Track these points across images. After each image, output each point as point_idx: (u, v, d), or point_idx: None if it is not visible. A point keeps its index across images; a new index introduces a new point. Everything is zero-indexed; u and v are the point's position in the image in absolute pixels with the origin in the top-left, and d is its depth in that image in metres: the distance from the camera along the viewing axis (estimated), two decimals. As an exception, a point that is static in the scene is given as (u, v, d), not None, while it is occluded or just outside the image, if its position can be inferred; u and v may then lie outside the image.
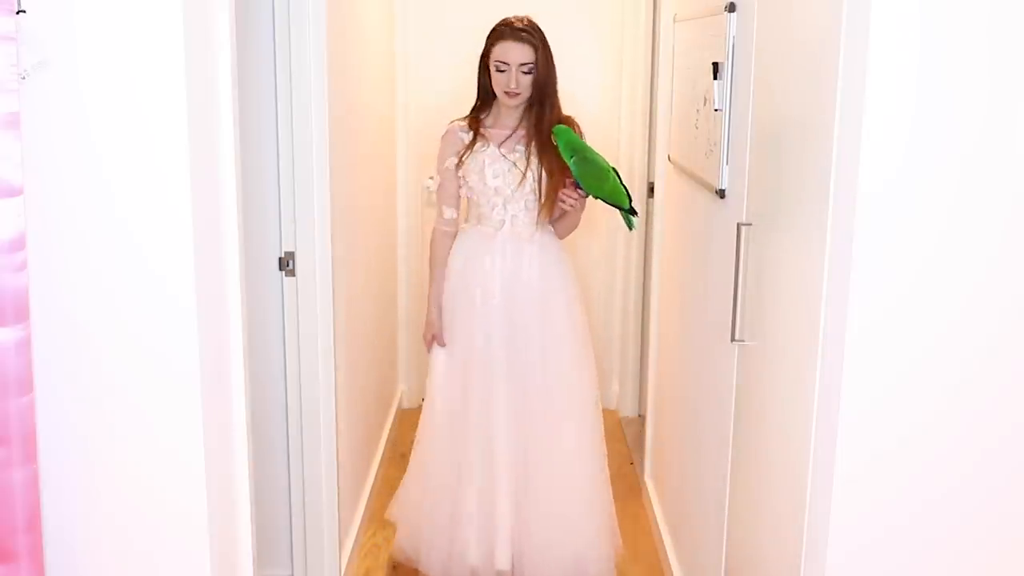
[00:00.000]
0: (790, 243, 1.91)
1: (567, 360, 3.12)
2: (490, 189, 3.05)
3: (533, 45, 2.95)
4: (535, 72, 2.96)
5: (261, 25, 2.70)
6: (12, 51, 1.53)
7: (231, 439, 1.95)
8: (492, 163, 3.04)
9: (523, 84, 2.96)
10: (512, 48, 2.94)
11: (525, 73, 2.95)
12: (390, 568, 3.35)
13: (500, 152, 3.04)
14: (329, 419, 2.94)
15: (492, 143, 3.06)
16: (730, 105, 2.38)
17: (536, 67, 2.96)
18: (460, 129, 3.10)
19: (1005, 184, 1.55)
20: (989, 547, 1.67)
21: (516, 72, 2.94)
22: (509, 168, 3.03)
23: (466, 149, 3.07)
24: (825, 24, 1.68)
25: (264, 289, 2.82)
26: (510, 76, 2.95)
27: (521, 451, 3.12)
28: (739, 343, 2.21)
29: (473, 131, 3.08)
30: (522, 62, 2.94)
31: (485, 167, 3.04)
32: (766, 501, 2.07)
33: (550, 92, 3.02)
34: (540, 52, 2.96)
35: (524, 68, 2.95)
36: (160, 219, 1.68)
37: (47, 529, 1.73)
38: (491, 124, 3.10)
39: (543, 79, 2.98)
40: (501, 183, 3.04)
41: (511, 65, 2.94)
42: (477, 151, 3.06)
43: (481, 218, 3.10)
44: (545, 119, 3.01)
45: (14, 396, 1.57)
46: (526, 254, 3.07)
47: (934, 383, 1.61)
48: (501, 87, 2.98)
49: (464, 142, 3.08)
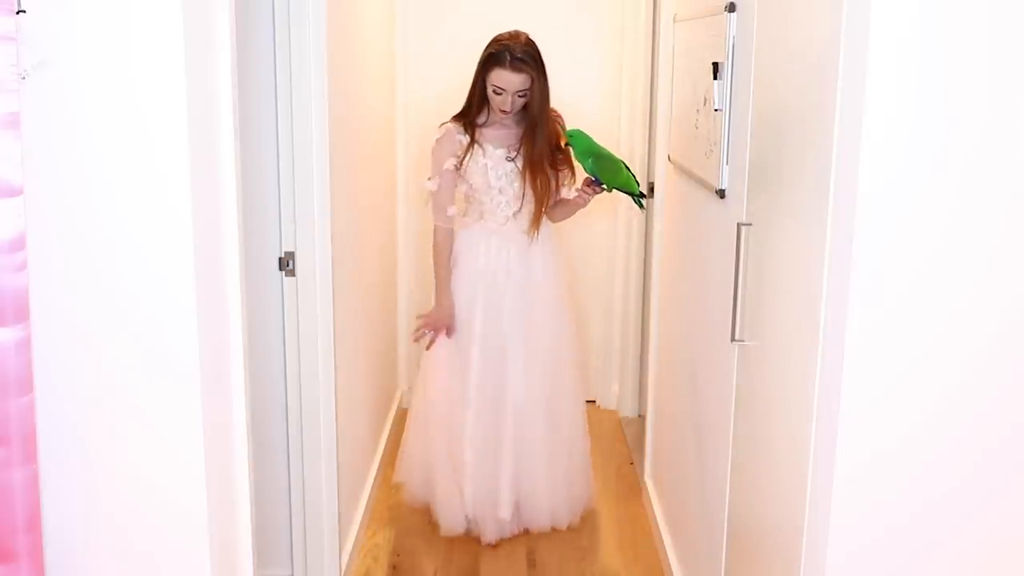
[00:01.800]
0: (790, 243, 1.91)
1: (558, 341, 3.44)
2: (494, 189, 3.26)
3: (530, 75, 3.10)
4: (529, 96, 3.14)
5: (261, 25, 2.70)
6: (12, 51, 1.53)
7: (231, 439, 1.95)
8: (495, 166, 3.23)
9: (517, 105, 3.16)
10: (509, 77, 3.10)
11: (520, 96, 3.14)
12: (390, 568, 3.35)
13: (501, 151, 3.23)
14: (329, 419, 2.94)
15: (490, 144, 3.23)
16: (730, 105, 2.38)
17: (531, 92, 3.13)
18: (456, 131, 3.25)
19: (1005, 184, 1.55)
20: (989, 547, 1.67)
21: (512, 97, 3.13)
22: (511, 169, 3.23)
23: (465, 151, 3.21)
24: (825, 24, 1.68)
25: (264, 289, 2.82)
26: (506, 99, 3.13)
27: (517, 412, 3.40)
28: (739, 343, 2.21)
29: (470, 134, 3.23)
30: (518, 89, 3.12)
31: (488, 169, 3.22)
32: (766, 501, 2.07)
33: (543, 115, 3.21)
34: (536, 80, 3.12)
35: (520, 93, 3.13)
36: (160, 219, 1.68)
37: (47, 529, 1.73)
38: (487, 124, 3.27)
39: (538, 105, 3.17)
40: (504, 183, 3.24)
41: (507, 91, 3.12)
42: (477, 153, 3.22)
43: (483, 215, 3.32)
44: (536, 140, 3.21)
45: (14, 396, 1.57)
46: (526, 247, 3.32)
47: (934, 383, 1.61)
48: (496, 105, 3.17)
49: (462, 144, 3.21)
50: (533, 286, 3.36)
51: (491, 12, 3.28)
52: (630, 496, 3.87)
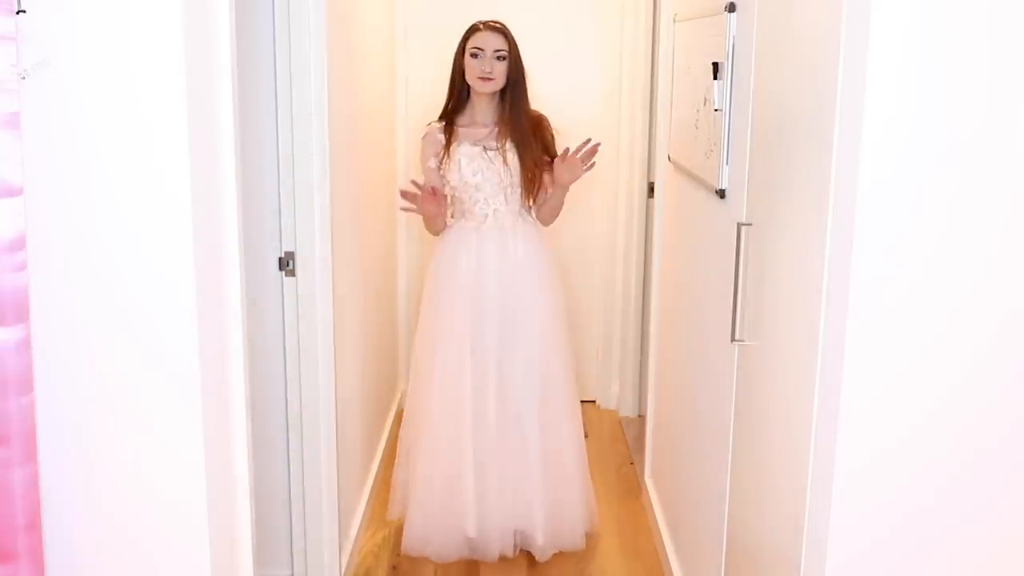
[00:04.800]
0: (790, 243, 1.91)
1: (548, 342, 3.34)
2: (470, 186, 3.25)
3: (505, 35, 3.19)
4: (508, 59, 3.18)
5: (261, 25, 2.70)
6: (12, 51, 1.53)
7: (231, 439, 1.95)
8: (470, 161, 3.23)
9: (497, 70, 3.18)
10: (486, 36, 3.19)
11: (499, 59, 3.17)
12: (390, 568, 3.35)
13: (476, 149, 3.23)
14: (329, 419, 2.94)
15: (467, 141, 3.25)
16: (730, 105, 2.38)
17: (509, 53, 3.18)
18: (437, 131, 3.30)
19: (1005, 184, 1.55)
20: (989, 547, 1.67)
21: (490, 57, 3.17)
22: (487, 164, 3.22)
23: (443, 149, 3.26)
24: (825, 24, 1.68)
25: (264, 289, 2.82)
26: (484, 61, 3.17)
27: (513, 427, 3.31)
28: (739, 343, 2.21)
29: (446, 133, 3.26)
30: (496, 48, 3.17)
31: (463, 165, 3.23)
32: (766, 501, 2.07)
33: (521, 83, 3.23)
34: (512, 43, 3.20)
35: (498, 54, 3.17)
36: (160, 219, 1.68)
37: (47, 529, 1.73)
38: (466, 123, 3.29)
39: (514, 68, 3.20)
40: (481, 179, 3.24)
41: (485, 51, 3.17)
42: (453, 150, 3.24)
43: (464, 213, 3.31)
44: (518, 111, 3.22)
45: (14, 396, 1.57)
46: (510, 244, 3.29)
47: (934, 383, 1.61)
48: (475, 73, 3.19)
49: (442, 143, 3.27)
50: (514, 285, 3.28)
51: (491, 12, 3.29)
52: (630, 496, 3.87)
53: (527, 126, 3.23)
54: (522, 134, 3.21)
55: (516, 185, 3.24)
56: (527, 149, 3.21)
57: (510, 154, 3.21)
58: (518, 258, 3.29)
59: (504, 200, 3.25)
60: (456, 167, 3.23)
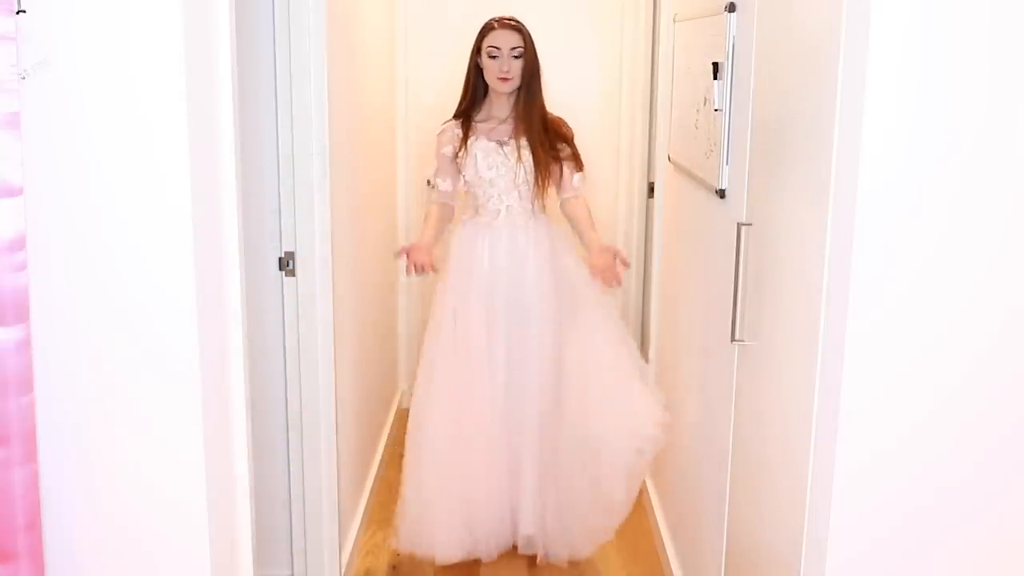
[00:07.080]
0: (790, 243, 1.91)
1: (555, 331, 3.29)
2: (485, 181, 3.26)
3: (521, 31, 3.22)
4: (524, 56, 3.20)
5: (261, 25, 2.70)
6: (12, 51, 1.53)
7: (231, 439, 1.95)
8: (485, 156, 3.25)
9: (514, 69, 3.20)
10: (503, 35, 3.20)
11: (516, 57, 3.19)
12: (390, 568, 3.35)
13: (492, 144, 3.25)
14: (329, 419, 2.94)
15: (484, 136, 3.27)
16: (730, 105, 2.37)
17: (525, 51, 3.20)
18: (454, 126, 3.32)
19: (1005, 184, 1.55)
20: (989, 547, 1.67)
21: (508, 56, 3.19)
22: (502, 160, 3.24)
23: (460, 144, 3.27)
24: (825, 24, 1.68)
25: (264, 289, 2.82)
26: (502, 60, 3.19)
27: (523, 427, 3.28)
28: (739, 343, 2.21)
29: (464, 128, 3.28)
30: (512, 46, 3.19)
31: (479, 160, 3.24)
32: (766, 501, 2.07)
33: (536, 80, 3.25)
34: (527, 39, 3.22)
35: (515, 52, 3.19)
36: (160, 219, 1.68)
37: (47, 529, 1.73)
38: (482, 119, 3.31)
39: (531, 65, 3.22)
40: (495, 174, 3.25)
41: (502, 50, 3.18)
42: (471, 144, 3.26)
43: (478, 209, 3.32)
44: (533, 107, 3.24)
45: (14, 396, 1.57)
46: (522, 240, 3.29)
47: (934, 383, 1.61)
48: (494, 74, 3.21)
49: (459, 136, 3.29)
50: (524, 284, 3.27)
51: (491, 12, 3.29)
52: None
53: (541, 123, 3.25)
54: (535, 131, 3.23)
55: (529, 183, 3.26)
56: (540, 144, 3.23)
57: (524, 151, 3.23)
58: (530, 250, 3.30)
59: (518, 196, 3.27)
60: (472, 161, 3.25)
